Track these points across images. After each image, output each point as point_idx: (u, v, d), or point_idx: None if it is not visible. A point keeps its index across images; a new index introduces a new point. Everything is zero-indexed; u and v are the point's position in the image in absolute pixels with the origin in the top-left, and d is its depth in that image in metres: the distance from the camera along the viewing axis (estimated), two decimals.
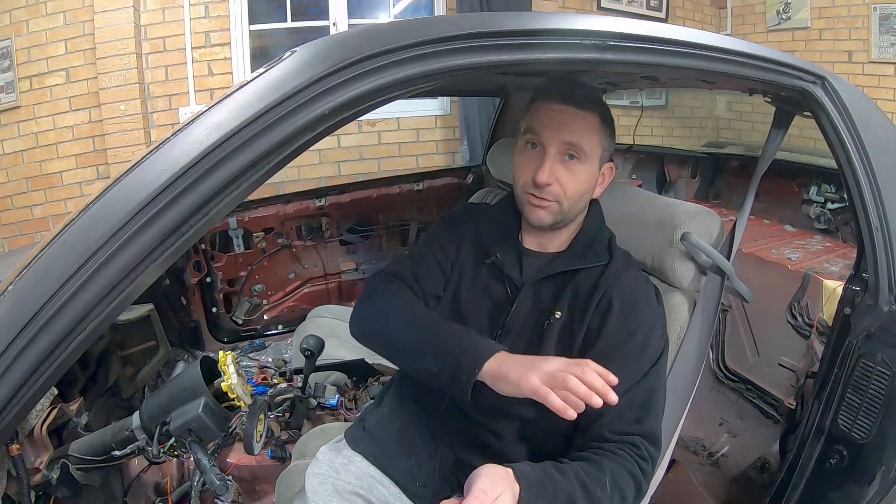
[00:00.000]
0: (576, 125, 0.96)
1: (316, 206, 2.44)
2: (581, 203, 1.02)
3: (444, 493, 0.97)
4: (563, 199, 0.98)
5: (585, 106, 0.97)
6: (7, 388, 0.52)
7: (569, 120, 0.96)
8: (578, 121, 0.96)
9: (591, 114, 0.98)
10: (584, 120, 0.97)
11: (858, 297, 1.17)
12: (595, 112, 0.98)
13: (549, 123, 0.97)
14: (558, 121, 0.96)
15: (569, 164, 0.97)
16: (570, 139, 0.96)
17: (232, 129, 0.57)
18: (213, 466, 1.02)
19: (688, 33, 0.89)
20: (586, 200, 1.03)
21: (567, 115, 0.96)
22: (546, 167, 0.96)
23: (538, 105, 1.00)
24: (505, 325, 1.00)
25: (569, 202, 0.98)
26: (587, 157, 0.98)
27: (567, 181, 0.97)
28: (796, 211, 2.55)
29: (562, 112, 0.97)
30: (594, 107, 0.99)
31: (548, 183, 0.96)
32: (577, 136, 0.96)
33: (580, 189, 0.99)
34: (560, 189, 0.97)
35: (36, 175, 3.09)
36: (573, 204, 0.99)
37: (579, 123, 0.96)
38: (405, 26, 0.72)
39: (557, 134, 0.96)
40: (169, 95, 3.11)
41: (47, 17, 2.92)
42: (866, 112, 1.09)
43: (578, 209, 1.02)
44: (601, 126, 0.99)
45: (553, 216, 0.99)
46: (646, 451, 0.87)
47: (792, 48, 4.16)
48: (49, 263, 0.55)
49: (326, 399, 1.74)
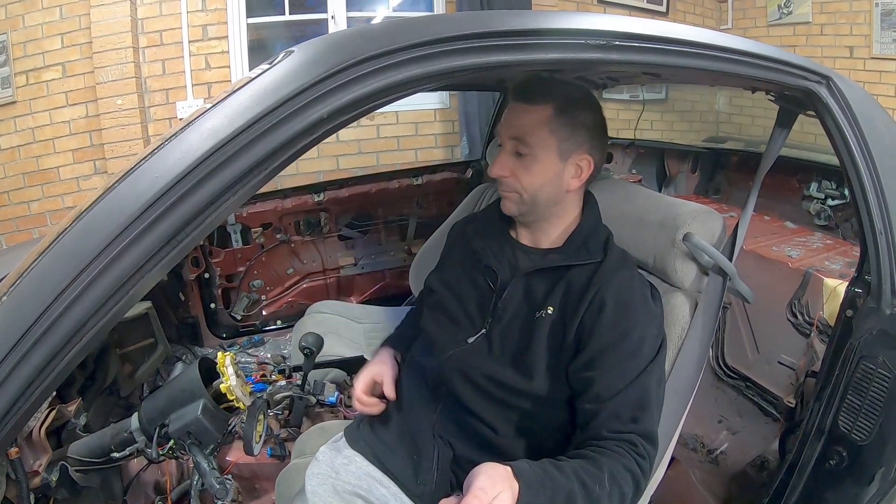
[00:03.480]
0: (521, 120, 1.00)
1: (314, 202, 2.43)
2: (543, 195, 1.01)
3: (443, 491, 0.99)
4: (522, 191, 1.01)
5: (535, 100, 0.99)
6: (5, 400, 0.51)
7: (516, 115, 1.00)
8: (524, 116, 0.99)
9: (541, 107, 0.98)
10: (530, 114, 0.99)
11: (861, 300, 1.16)
12: (547, 104, 0.98)
13: (504, 121, 1.03)
14: (509, 117, 1.02)
15: (521, 158, 1.00)
16: (515, 133, 1.00)
17: (227, 134, 0.56)
18: (213, 469, 1.02)
19: (692, 32, 0.87)
20: (550, 193, 1.01)
21: (515, 111, 1.01)
22: (498, 161, 1.02)
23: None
24: (495, 313, 1.01)
25: (528, 194, 1.01)
26: (534, 151, 0.99)
27: (520, 174, 1.00)
28: (796, 207, 2.54)
29: (512, 109, 1.02)
30: (546, 100, 0.98)
31: (500, 175, 1.01)
32: (521, 131, 0.99)
33: (535, 181, 1.00)
34: (515, 181, 1.01)
35: (33, 170, 3.08)
36: (534, 195, 1.01)
37: (524, 118, 0.99)
38: (404, 26, 0.70)
39: (507, 130, 1.01)
40: (166, 89, 3.10)
41: (43, 12, 2.91)
42: (871, 113, 1.08)
43: (544, 200, 1.02)
44: (553, 118, 0.98)
45: (518, 206, 1.03)
46: (643, 450, 0.87)
47: (793, 43, 4.13)
48: (44, 274, 0.54)
49: (326, 396, 1.74)
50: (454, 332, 1.04)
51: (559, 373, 0.94)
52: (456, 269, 1.12)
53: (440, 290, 1.12)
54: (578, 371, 0.92)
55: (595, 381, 0.90)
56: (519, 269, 1.03)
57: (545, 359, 0.95)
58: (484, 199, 1.95)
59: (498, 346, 0.99)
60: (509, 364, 0.97)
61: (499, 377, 0.97)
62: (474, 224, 1.18)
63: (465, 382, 0.99)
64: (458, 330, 1.04)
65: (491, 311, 1.02)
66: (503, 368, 0.97)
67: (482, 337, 1.01)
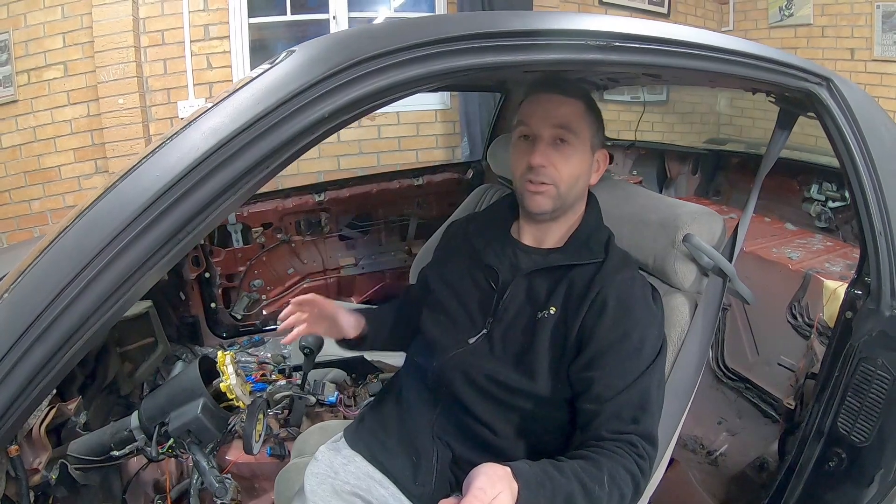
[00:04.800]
0: (563, 110, 1.01)
1: (315, 201, 2.43)
2: (577, 188, 1.03)
3: (442, 492, 0.98)
4: (560, 182, 1.01)
5: (570, 93, 1.02)
6: (5, 397, 0.51)
7: (556, 106, 1.01)
8: (565, 107, 1.01)
9: (577, 100, 1.02)
10: (570, 106, 1.01)
11: (860, 301, 1.16)
12: (580, 99, 1.03)
13: (538, 112, 1.02)
14: (546, 108, 1.01)
15: (560, 147, 1.00)
16: (559, 122, 1.00)
17: (229, 133, 0.56)
18: (213, 469, 1.02)
19: (693, 34, 0.88)
20: (581, 186, 1.05)
21: (554, 102, 1.01)
22: (539, 150, 1.00)
23: (528, 99, 1.05)
24: (496, 313, 1.02)
25: (564, 185, 1.01)
26: (577, 140, 1.01)
27: (560, 164, 1.00)
28: (797, 209, 2.54)
29: (549, 100, 1.02)
30: (579, 95, 1.03)
31: (542, 165, 1.00)
32: (565, 119, 1.00)
33: (574, 172, 1.01)
34: (555, 171, 1.00)
35: (34, 169, 3.08)
36: (569, 188, 1.02)
37: (566, 108, 1.01)
38: (407, 26, 0.70)
39: (547, 120, 1.01)
40: (168, 89, 3.10)
41: (45, 11, 2.91)
42: (871, 115, 1.08)
43: (575, 194, 1.04)
44: (587, 112, 1.03)
45: (552, 201, 1.02)
46: (643, 450, 0.87)
47: (794, 45, 4.13)
48: (45, 271, 0.55)
49: (325, 396, 1.74)
50: (454, 332, 1.04)
51: (561, 373, 0.94)
52: (456, 268, 1.12)
53: (440, 289, 1.11)
54: (579, 371, 0.93)
55: (596, 381, 0.90)
56: (520, 268, 1.03)
57: (547, 359, 0.95)
58: (485, 199, 1.95)
59: (499, 346, 0.99)
60: (511, 364, 0.97)
61: (501, 378, 0.97)
62: (475, 223, 1.18)
63: (465, 383, 0.99)
64: (458, 330, 1.04)
65: (492, 311, 1.02)
66: (505, 369, 0.97)
67: (483, 337, 1.01)
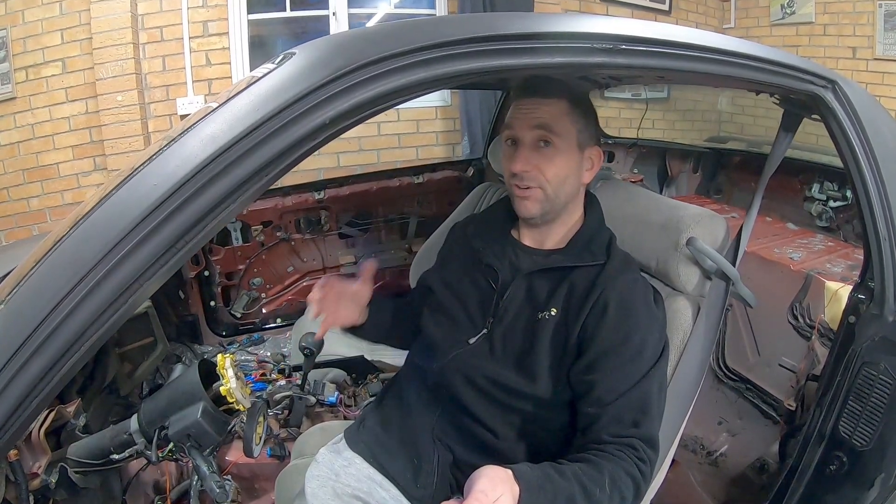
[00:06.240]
0: (541, 111, 1.00)
1: (315, 200, 2.43)
2: (566, 189, 1.02)
3: (443, 495, 0.99)
4: (545, 184, 1.00)
5: (551, 94, 1.01)
6: (4, 409, 0.51)
7: (535, 108, 1.00)
8: (544, 107, 1.00)
9: (558, 100, 1.00)
10: (550, 106, 1.00)
11: (863, 306, 1.16)
12: (562, 98, 1.01)
13: (518, 117, 1.02)
14: (526, 112, 1.01)
15: (543, 150, 1.00)
16: (540, 123, 0.99)
17: (227, 141, 0.55)
18: (213, 473, 1.02)
19: (699, 36, 0.87)
20: (572, 186, 1.03)
21: (532, 105, 1.01)
22: (521, 155, 1.00)
23: (511, 105, 1.05)
24: (496, 313, 1.01)
25: (551, 187, 1.00)
26: (561, 140, 1.00)
27: (544, 166, 0.99)
28: (798, 208, 2.53)
29: (528, 104, 1.01)
30: (560, 94, 1.01)
31: (525, 170, 0.99)
32: (545, 120, 0.99)
33: (560, 173, 1.00)
34: (539, 174, 0.99)
35: (32, 167, 3.07)
36: (556, 189, 1.01)
37: (545, 110, 1.00)
38: (409, 29, 0.69)
39: (526, 122, 1.00)
40: (166, 86, 3.09)
41: (43, 7, 2.89)
42: (876, 118, 1.07)
43: (566, 195, 1.03)
44: (571, 109, 1.01)
45: (540, 205, 1.01)
46: (644, 454, 0.87)
47: (795, 43, 4.12)
48: (42, 282, 0.54)
49: (325, 396, 1.74)
50: (454, 332, 1.04)
51: (561, 375, 0.94)
52: (456, 269, 1.12)
53: (440, 290, 1.11)
54: (580, 374, 0.92)
55: (597, 384, 0.90)
56: (520, 269, 1.03)
57: (548, 361, 0.95)
58: (485, 198, 1.94)
59: (500, 346, 0.99)
60: (512, 366, 0.97)
61: (501, 379, 0.96)
62: (475, 224, 1.18)
63: (466, 385, 0.99)
64: (459, 330, 1.04)
65: (492, 310, 1.02)
66: (505, 370, 0.97)
67: (483, 337, 1.01)
